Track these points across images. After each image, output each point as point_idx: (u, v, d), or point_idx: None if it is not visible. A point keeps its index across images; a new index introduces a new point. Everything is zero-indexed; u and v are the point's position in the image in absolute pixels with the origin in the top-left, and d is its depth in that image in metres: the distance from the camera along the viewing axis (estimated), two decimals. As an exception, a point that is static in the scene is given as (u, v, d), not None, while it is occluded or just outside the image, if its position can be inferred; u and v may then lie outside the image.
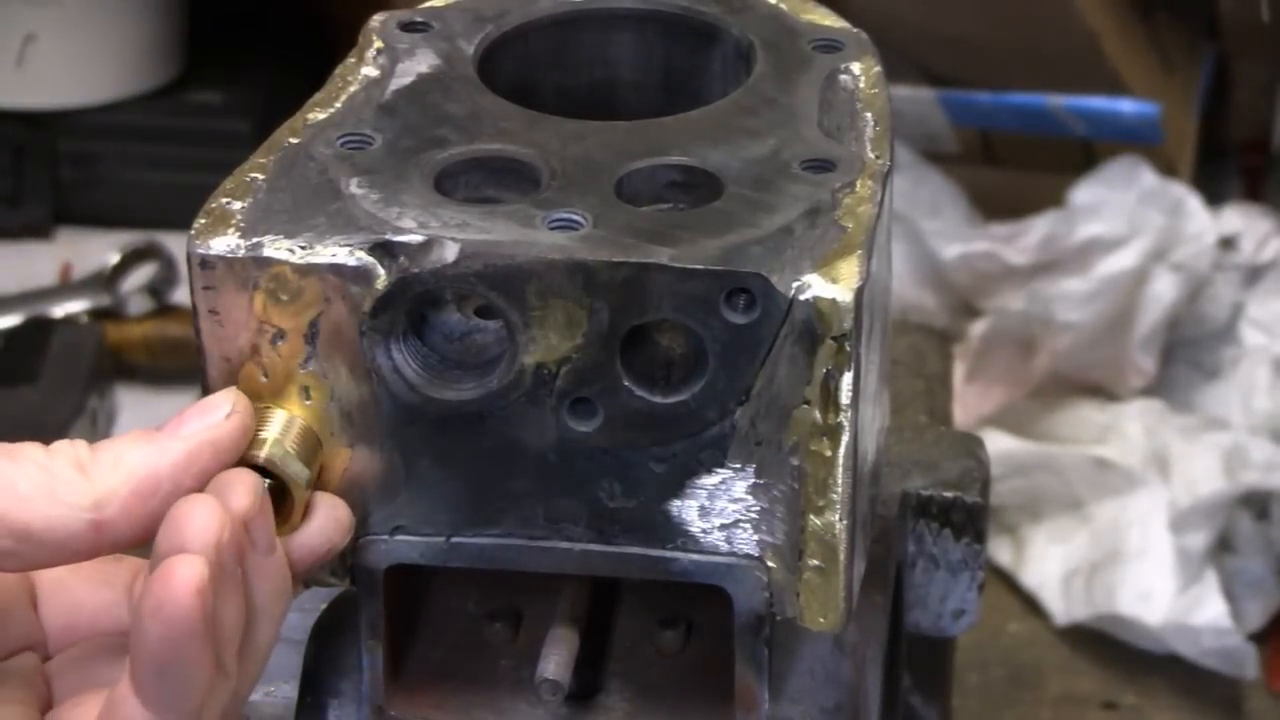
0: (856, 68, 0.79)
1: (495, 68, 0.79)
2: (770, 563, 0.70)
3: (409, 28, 0.80)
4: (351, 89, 0.76)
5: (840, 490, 0.68)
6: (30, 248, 2.04)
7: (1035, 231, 1.88)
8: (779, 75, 0.78)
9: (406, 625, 0.78)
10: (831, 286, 0.65)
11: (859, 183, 0.70)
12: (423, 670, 0.78)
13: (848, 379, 0.66)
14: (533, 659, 0.75)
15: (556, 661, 0.74)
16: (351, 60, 0.78)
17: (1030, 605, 1.71)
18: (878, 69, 0.79)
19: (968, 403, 1.81)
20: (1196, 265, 1.84)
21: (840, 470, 0.67)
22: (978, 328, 1.86)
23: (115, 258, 1.87)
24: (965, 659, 1.42)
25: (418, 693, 0.77)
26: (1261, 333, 1.85)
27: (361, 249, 0.67)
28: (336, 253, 0.67)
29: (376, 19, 0.81)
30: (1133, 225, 1.84)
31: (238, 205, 0.69)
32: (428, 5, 0.82)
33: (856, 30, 0.82)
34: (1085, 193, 1.91)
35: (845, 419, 0.67)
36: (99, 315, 1.85)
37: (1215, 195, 1.98)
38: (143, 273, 1.88)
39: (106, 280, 1.87)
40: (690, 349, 0.67)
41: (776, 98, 0.76)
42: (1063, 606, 1.68)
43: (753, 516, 0.69)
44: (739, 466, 0.68)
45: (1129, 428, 1.80)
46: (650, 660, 0.79)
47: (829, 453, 0.67)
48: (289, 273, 0.67)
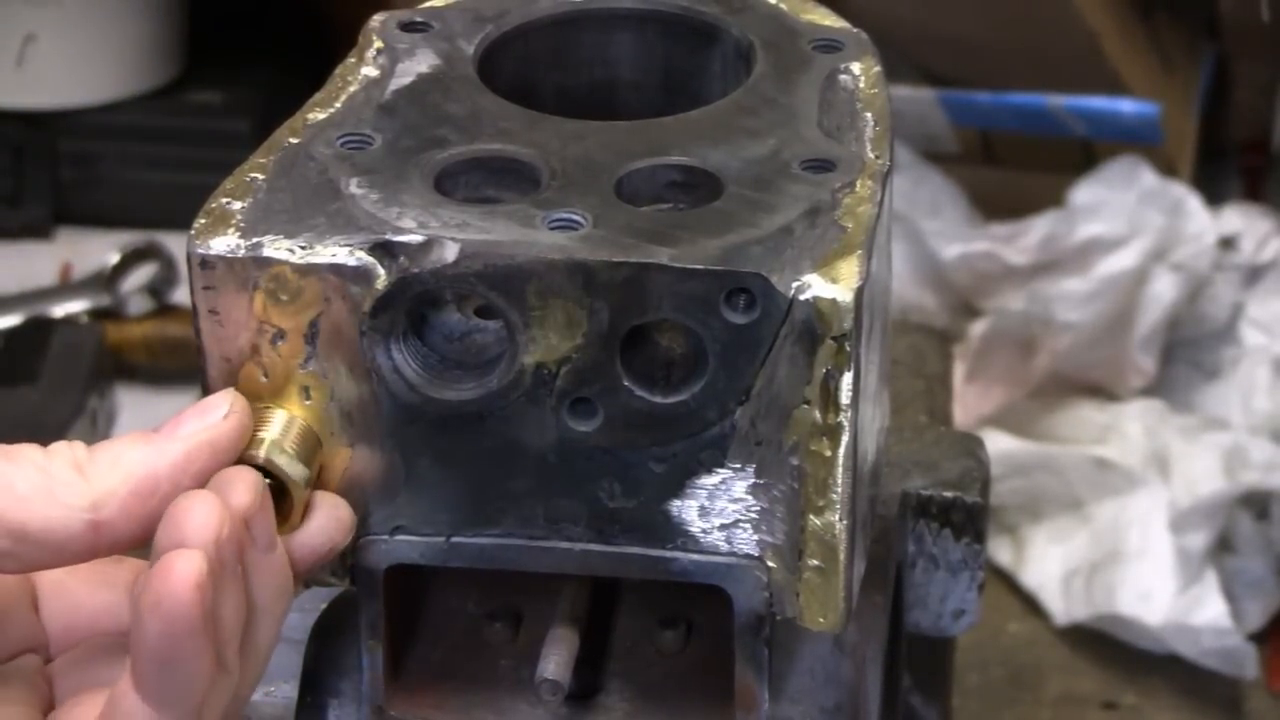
0: (856, 68, 0.79)
1: (495, 68, 0.79)
2: (770, 563, 0.70)
3: (409, 28, 0.80)
4: (351, 89, 0.76)
5: (840, 490, 0.68)
6: (30, 248, 2.03)
7: (1035, 231, 1.88)
8: (779, 75, 0.78)
9: (406, 625, 0.78)
10: (831, 286, 0.65)
11: (859, 183, 0.70)
12: (423, 670, 0.78)
13: (848, 379, 0.66)
14: (533, 659, 0.75)
15: (556, 661, 0.74)
16: (351, 60, 0.78)
17: (1030, 605, 1.71)
18: (878, 69, 0.79)
19: (968, 403, 1.80)
20: (1196, 265, 1.84)
21: (840, 470, 0.67)
22: (978, 328, 1.86)
23: (115, 258, 1.87)
24: (965, 659, 1.42)
25: (418, 693, 0.77)
26: (1261, 333, 1.85)
27: (361, 249, 0.67)
28: (336, 253, 0.67)
29: (376, 19, 0.81)
30: (1133, 225, 1.84)
31: (238, 205, 0.69)
32: (428, 5, 0.82)
33: (856, 30, 0.82)
34: (1085, 193, 1.91)
35: (845, 419, 0.67)
36: (99, 315, 1.85)
37: (1215, 195, 1.98)
38: (143, 273, 1.88)
39: (106, 280, 1.87)
40: (690, 349, 0.67)
41: (776, 98, 0.76)
42: (1063, 606, 1.68)
43: (753, 516, 0.69)
44: (739, 466, 0.68)
45: (1129, 428, 1.80)
46: (650, 660, 0.79)
47: (829, 453, 0.67)
48: (289, 273, 0.67)
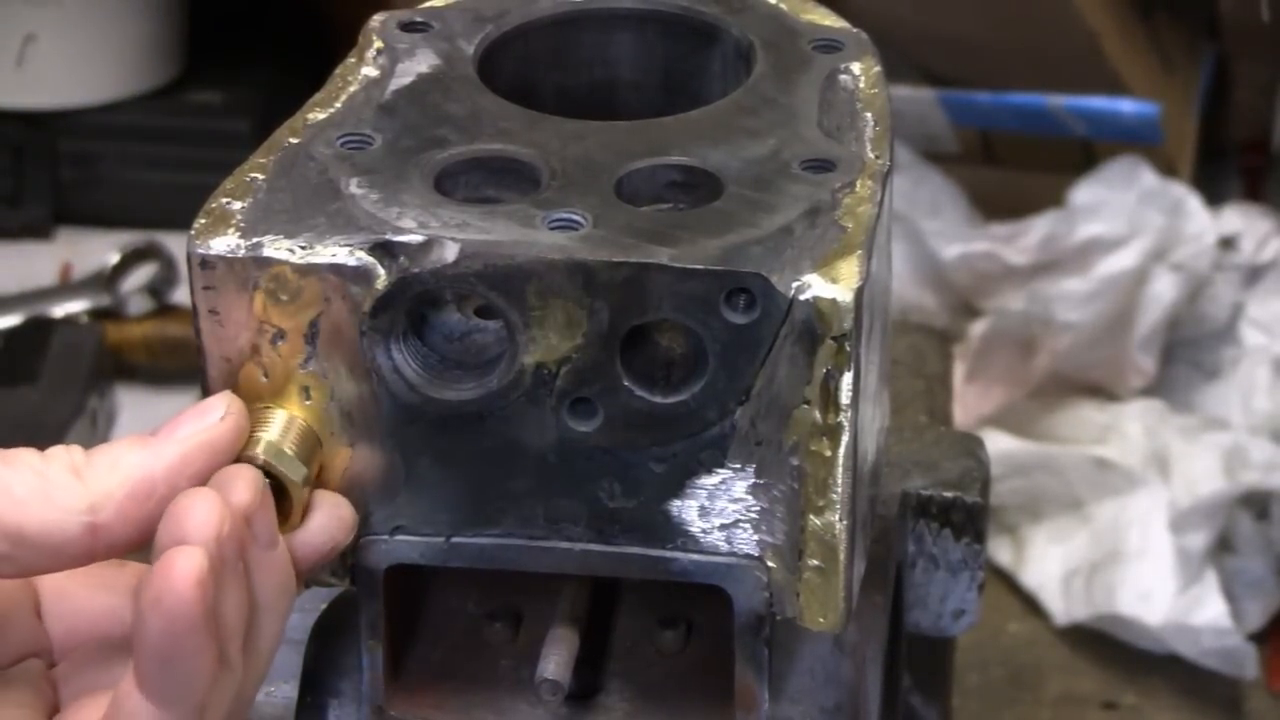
0: (856, 68, 0.79)
1: (495, 68, 0.79)
2: (770, 563, 0.70)
3: (409, 28, 0.80)
4: (351, 89, 0.76)
5: (840, 490, 0.68)
6: (30, 248, 2.03)
7: (1035, 231, 1.88)
8: (779, 75, 0.78)
9: (406, 625, 0.78)
10: (831, 286, 0.65)
11: (859, 183, 0.70)
12: (423, 670, 0.78)
13: (848, 379, 0.66)
14: (533, 659, 0.75)
15: (556, 661, 0.74)
16: (351, 60, 0.78)
17: (1030, 605, 1.71)
18: (878, 69, 0.79)
19: (968, 403, 1.80)
20: (1196, 265, 1.84)
21: (840, 470, 0.67)
22: (978, 328, 1.86)
23: (115, 258, 1.87)
24: (965, 659, 1.42)
25: (418, 693, 0.77)
26: (1261, 333, 1.85)
27: (361, 249, 0.67)
28: (336, 253, 0.67)
29: (376, 19, 0.81)
30: (1133, 225, 1.84)
31: (238, 205, 0.69)
32: (428, 5, 0.82)
33: (856, 30, 0.82)
34: (1085, 193, 1.91)
35: (845, 419, 0.67)
36: (99, 315, 1.85)
37: (1215, 195, 1.98)
38: (143, 273, 1.88)
39: (106, 280, 1.87)
40: (690, 349, 0.67)
41: (776, 98, 0.76)
42: (1063, 606, 1.67)
43: (753, 516, 0.69)
44: (739, 466, 0.68)
45: (1129, 428, 1.79)
46: (650, 660, 0.79)
47: (829, 453, 0.67)
48: (289, 273, 0.67)
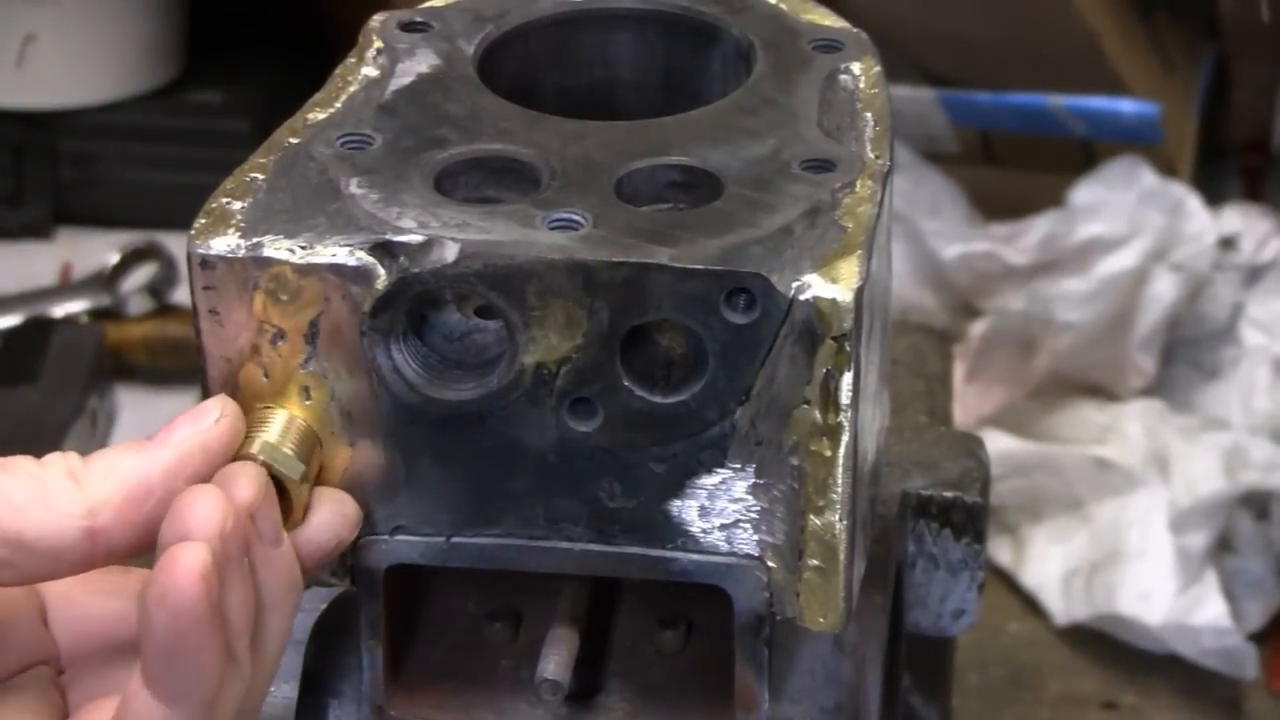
0: (856, 68, 0.79)
1: (495, 68, 0.79)
2: (770, 563, 0.70)
3: (409, 28, 0.80)
4: (351, 89, 0.76)
5: (840, 490, 0.68)
6: (30, 248, 2.03)
7: (1035, 231, 1.88)
8: (779, 75, 0.78)
9: (406, 625, 0.78)
10: (831, 286, 0.65)
11: (859, 183, 0.70)
12: (423, 670, 0.78)
13: (848, 379, 0.66)
14: (533, 659, 0.75)
15: (556, 661, 0.74)
16: (351, 60, 0.78)
17: (1030, 605, 1.71)
18: (878, 69, 0.79)
19: (968, 403, 1.80)
20: (1196, 265, 1.84)
21: (840, 470, 0.67)
22: (978, 328, 1.86)
23: (115, 258, 1.87)
24: (965, 659, 1.42)
25: (418, 693, 0.77)
26: (1261, 333, 1.85)
27: (361, 249, 0.67)
28: (336, 253, 0.67)
29: (376, 19, 0.81)
30: (1133, 225, 1.84)
31: (238, 205, 0.69)
32: (428, 5, 0.82)
33: (856, 30, 0.82)
34: (1085, 193, 1.91)
35: (845, 419, 0.67)
36: (99, 315, 1.85)
37: (1215, 195, 1.98)
38: (143, 273, 1.88)
39: (106, 280, 1.87)
40: (690, 349, 0.67)
41: (776, 98, 0.76)
42: (1063, 606, 1.67)
43: (753, 516, 0.69)
44: (739, 466, 0.68)
45: (1129, 428, 1.79)
46: (650, 660, 0.79)
47: (829, 453, 0.67)
48: (289, 273, 0.67)
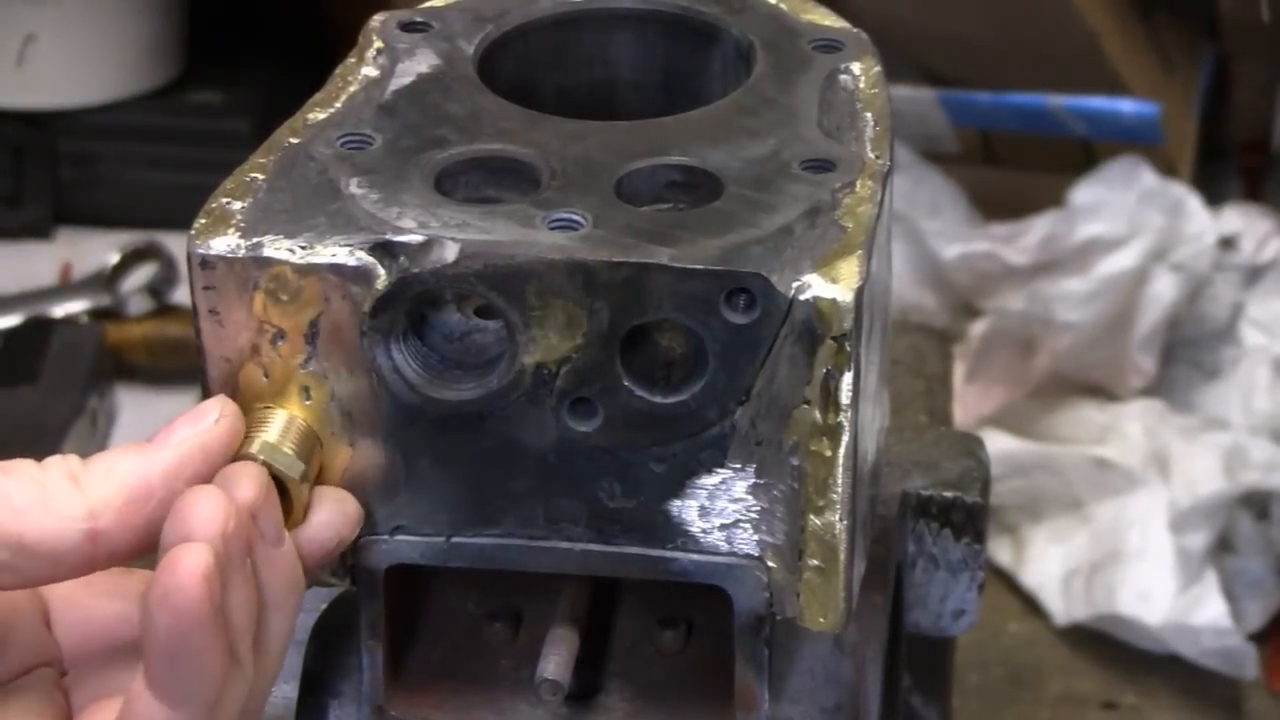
0: (856, 68, 0.79)
1: (495, 68, 0.79)
2: (770, 563, 0.70)
3: (409, 28, 0.80)
4: (351, 89, 0.76)
5: (840, 490, 0.68)
6: (30, 248, 2.04)
7: (1035, 231, 1.88)
8: (779, 75, 0.78)
9: (406, 625, 0.78)
10: (831, 286, 0.65)
11: (859, 183, 0.70)
12: (423, 670, 0.78)
13: (848, 379, 0.66)
14: (533, 659, 0.75)
15: (556, 661, 0.74)
16: (351, 60, 0.78)
17: (1030, 605, 1.71)
18: (878, 69, 0.79)
19: (968, 403, 1.80)
20: (1196, 265, 1.84)
21: (840, 470, 0.67)
22: (978, 328, 1.86)
23: (115, 258, 1.87)
24: (965, 659, 1.42)
25: (418, 693, 0.77)
26: (1261, 333, 1.85)
27: (361, 249, 0.67)
28: (336, 253, 0.67)
29: (376, 19, 0.81)
30: (1133, 225, 1.84)
31: (238, 205, 0.69)
32: (428, 5, 0.82)
33: (856, 30, 0.82)
34: (1085, 193, 1.91)
35: (845, 419, 0.67)
36: (99, 315, 1.85)
37: (1215, 195, 1.98)
38: (143, 273, 1.88)
39: (106, 280, 1.87)
40: (690, 349, 0.67)
41: (776, 98, 0.76)
42: (1063, 606, 1.68)
43: (753, 516, 0.69)
44: (739, 466, 0.68)
45: (1129, 428, 1.80)
46: (650, 660, 0.79)
47: (829, 453, 0.67)
48: (289, 273, 0.67)
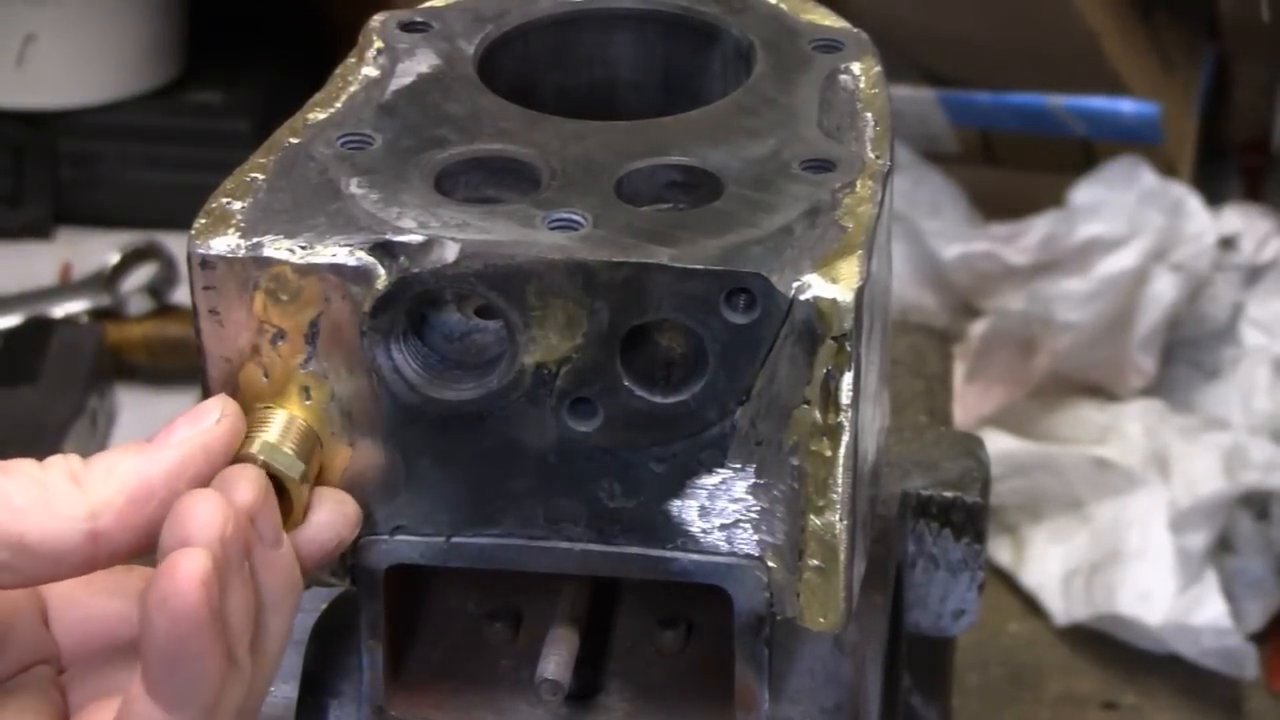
0: (856, 68, 0.79)
1: (495, 68, 0.79)
2: (770, 563, 0.70)
3: (409, 28, 0.80)
4: (351, 89, 0.76)
5: (840, 490, 0.68)
6: (30, 248, 2.04)
7: (1035, 231, 1.88)
8: (779, 75, 0.78)
9: (406, 625, 0.78)
10: (831, 286, 0.65)
11: (859, 183, 0.70)
12: (423, 670, 0.78)
13: (848, 379, 0.66)
14: (533, 659, 0.75)
15: (556, 661, 0.74)
16: (351, 60, 0.78)
17: (1030, 605, 1.71)
18: (878, 69, 0.79)
19: (968, 403, 1.81)
20: (1196, 265, 1.84)
21: (840, 470, 0.67)
22: (978, 328, 1.86)
23: (115, 258, 1.87)
24: (965, 659, 1.42)
25: (418, 693, 0.77)
26: (1261, 333, 1.85)
27: (361, 249, 0.67)
28: (336, 253, 0.67)
29: (376, 19, 0.81)
30: (1133, 225, 1.84)
31: (238, 205, 0.69)
32: (428, 5, 0.82)
33: (856, 30, 0.82)
34: (1085, 193, 1.91)
35: (845, 419, 0.67)
36: (99, 315, 1.85)
37: (1215, 195, 1.98)
38: (143, 273, 1.88)
39: (106, 280, 1.87)
40: (690, 349, 0.67)
41: (776, 98, 0.76)
42: (1063, 606, 1.68)
43: (753, 516, 0.69)
44: (739, 466, 0.68)
45: (1129, 428, 1.80)
46: (650, 660, 0.79)
47: (829, 453, 0.67)
48: (289, 273, 0.67)
